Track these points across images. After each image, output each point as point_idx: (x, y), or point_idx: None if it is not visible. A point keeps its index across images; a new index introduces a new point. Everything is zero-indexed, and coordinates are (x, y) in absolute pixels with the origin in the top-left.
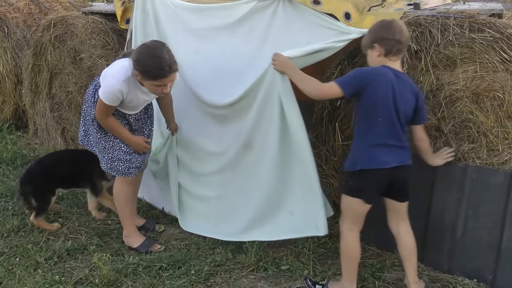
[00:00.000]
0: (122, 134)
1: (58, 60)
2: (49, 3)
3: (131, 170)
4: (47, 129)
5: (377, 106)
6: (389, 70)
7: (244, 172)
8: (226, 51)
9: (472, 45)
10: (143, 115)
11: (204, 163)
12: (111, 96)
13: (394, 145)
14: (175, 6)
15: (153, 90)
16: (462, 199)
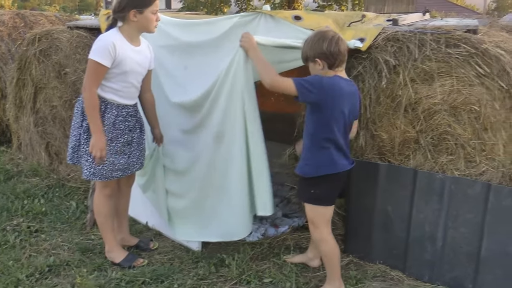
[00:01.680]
0: (95, 118)
1: (42, 74)
2: (34, 16)
3: (114, 173)
4: (31, 144)
5: (334, 117)
6: (343, 80)
7: (218, 169)
8: (213, 68)
9: (449, 60)
10: (136, 113)
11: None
12: (102, 50)
13: (346, 149)
14: (161, 22)
15: (150, 21)
16: (441, 210)
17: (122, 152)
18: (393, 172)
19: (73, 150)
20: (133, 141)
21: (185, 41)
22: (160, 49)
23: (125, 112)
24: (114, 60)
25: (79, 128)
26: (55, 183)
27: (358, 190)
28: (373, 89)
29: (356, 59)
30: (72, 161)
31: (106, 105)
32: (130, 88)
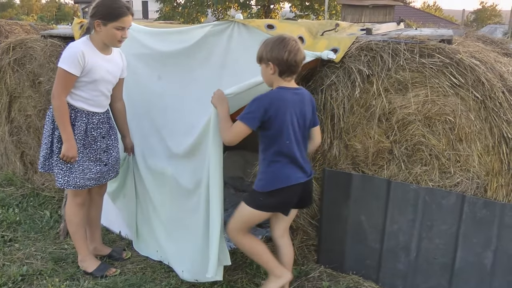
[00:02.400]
0: (65, 126)
1: (17, 83)
2: (9, 26)
3: (88, 182)
4: (6, 153)
5: (283, 131)
6: (287, 92)
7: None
8: (186, 78)
9: (423, 70)
10: (108, 120)
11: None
12: (71, 58)
13: (301, 161)
14: (133, 30)
15: (113, 36)
16: (415, 221)
17: (98, 159)
18: (366, 182)
19: (44, 159)
20: (109, 148)
21: (158, 50)
22: (132, 57)
23: (96, 119)
24: (83, 69)
25: (50, 137)
26: (30, 192)
27: (331, 200)
28: (346, 99)
29: (329, 68)
30: (43, 169)
31: (76, 113)
32: (99, 97)
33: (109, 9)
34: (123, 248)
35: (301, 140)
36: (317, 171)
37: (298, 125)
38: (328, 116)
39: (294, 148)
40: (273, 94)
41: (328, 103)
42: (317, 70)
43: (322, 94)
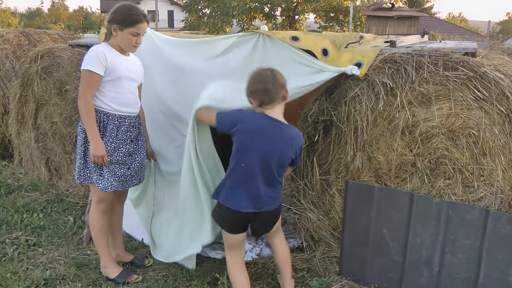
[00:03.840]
0: (92, 125)
1: (44, 91)
2: (38, 35)
3: (115, 183)
4: (32, 159)
5: (241, 152)
6: (265, 119)
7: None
8: (203, 82)
9: (447, 83)
10: (138, 125)
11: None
12: (93, 59)
13: (259, 191)
14: (159, 39)
15: (128, 41)
16: (438, 235)
17: (123, 162)
18: (389, 195)
19: (79, 169)
20: (135, 152)
21: (178, 57)
22: (151, 63)
23: (128, 122)
24: (105, 68)
25: (83, 146)
26: (54, 198)
27: (353, 212)
28: (370, 111)
29: (353, 81)
30: (79, 180)
31: (108, 117)
32: (127, 95)
33: (126, 15)
34: (145, 255)
35: (262, 171)
36: (340, 183)
37: (264, 157)
38: (352, 128)
39: (253, 176)
40: (251, 115)
41: (351, 115)
42: (341, 82)
43: (346, 106)
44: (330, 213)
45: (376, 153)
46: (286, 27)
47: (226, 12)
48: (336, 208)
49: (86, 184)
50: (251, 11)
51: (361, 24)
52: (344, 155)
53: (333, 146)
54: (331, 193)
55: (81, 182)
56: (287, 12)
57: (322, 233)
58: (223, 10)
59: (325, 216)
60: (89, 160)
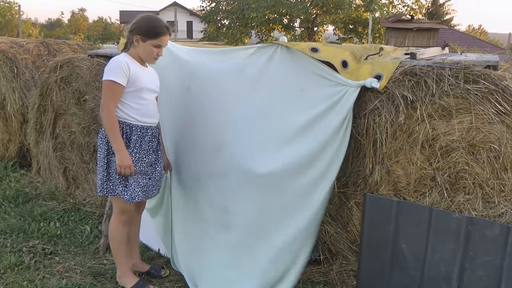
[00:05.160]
0: (116, 136)
1: (63, 101)
2: (57, 45)
3: (140, 194)
4: (50, 168)
5: None
6: None
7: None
8: (217, 90)
9: (467, 96)
10: (158, 136)
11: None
12: (116, 69)
13: None
14: (177, 50)
15: (150, 53)
16: (458, 251)
17: (144, 173)
18: (408, 209)
19: (102, 182)
20: (155, 162)
21: (192, 64)
22: (167, 73)
23: (150, 132)
24: (128, 79)
25: (106, 158)
26: (71, 207)
27: (371, 226)
28: (389, 124)
29: (372, 93)
30: (102, 193)
31: (131, 128)
32: (149, 105)
33: (150, 27)
34: (162, 265)
35: None
36: (359, 196)
37: None
38: (371, 141)
39: None
40: None
41: (370, 127)
42: (360, 94)
43: (365, 119)
44: (348, 226)
45: (395, 166)
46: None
47: (245, 23)
48: (354, 221)
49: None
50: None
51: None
52: (362, 168)
53: (351, 159)
54: (349, 206)
55: (104, 194)
56: (306, 24)
57: (340, 246)
58: (242, 21)
59: (343, 229)
60: (112, 172)
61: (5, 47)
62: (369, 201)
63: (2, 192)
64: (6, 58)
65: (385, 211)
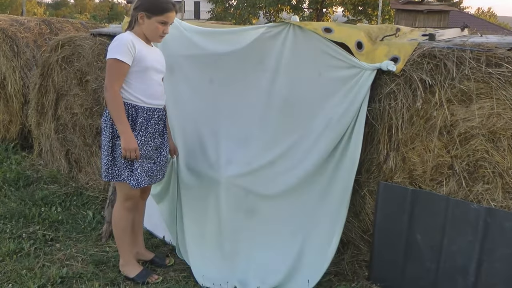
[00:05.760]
0: (121, 117)
1: (64, 81)
2: (60, 23)
3: (147, 178)
4: (52, 150)
5: None
6: None
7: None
8: (239, 82)
9: (489, 80)
10: (165, 118)
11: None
12: (121, 46)
13: None
14: (185, 29)
15: (155, 30)
16: (475, 243)
17: (149, 157)
18: (424, 198)
19: (107, 166)
20: (161, 146)
21: (210, 50)
22: (183, 59)
23: (157, 115)
24: (133, 57)
25: (110, 142)
26: (73, 191)
27: (385, 215)
28: (406, 109)
29: (388, 76)
30: (107, 178)
31: (136, 110)
32: (155, 86)
33: (155, 3)
34: (166, 254)
35: None
36: (372, 184)
37: None
38: (386, 126)
39: None
40: None
41: (386, 112)
42: (375, 77)
43: (380, 103)
44: (360, 215)
45: (411, 153)
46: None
47: (253, 3)
48: (367, 210)
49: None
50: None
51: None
52: (376, 154)
53: (365, 145)
54: (362, 194)
55: (109, 180)
56: (314, 5)
57: (351, 235)
58: (250, 1)
59: (355, 218)
60: (117, 157)
61: (5, 24)
62: (383, 189)
63: (2, 175)
64: (6, 36)
65: (400, 200)
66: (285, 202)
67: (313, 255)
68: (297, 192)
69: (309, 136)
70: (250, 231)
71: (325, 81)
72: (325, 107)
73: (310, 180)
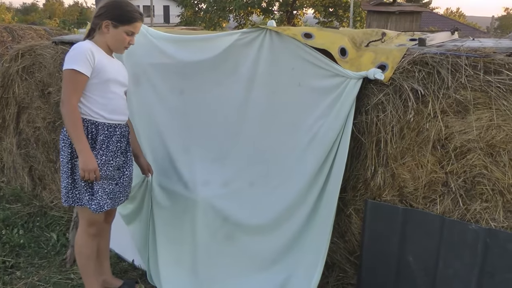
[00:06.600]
0: (79, 134)
1: (26, 93)
2: (23, 30)
3: (109, 201)
4: (14, 166)
5: None
6: None
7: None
8: (211, 93)
9: (488, 89)
10: (127, 133)
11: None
12: (79, 56)
13: None
14: (153, 37)
15: (121, 40)
16: (474, 266)
17: (111, 177)
18: (416, 218)
19: (66, 190)
20: (123, 166)
21: (180, 59)
22: (151, 67)
23: (119, 131)
24: (93, 69)
25: (69, 163)
26: (37, 210)
27: (373, 236)
28: (395, 121)
29: (375, 85)
30: (68, 203)
31: (97, 126)
32: (117, 100)
33: (123, 12)
34: (136, 280)
35: None
36: (358, 202)
37: None
38: (374, 140)
39: None
40: None
41: (373, 125)
42: (361, 86)
43: (367, 115)
44: (346, 236)
45: (401, 169)
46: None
47: (222, 7)
48: (353, 230)
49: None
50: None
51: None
52: (363, 170)
53: (351, 160)
54: (348, 213)
55: (70, 204)
56: (285, 7)
57: (337, 257)
58: (219, 5)
59: (340, 238)
60: (78, 179)
61: None
62: (371, 208)
63: None
64: None
65: (390, 219)
66: (265, 229)
67: (297, 284)
68: (279, 218)
69: (291, 153)
70: (228, 258)
71: (306, 91)
72: (307, 121)
73: (294, 205)
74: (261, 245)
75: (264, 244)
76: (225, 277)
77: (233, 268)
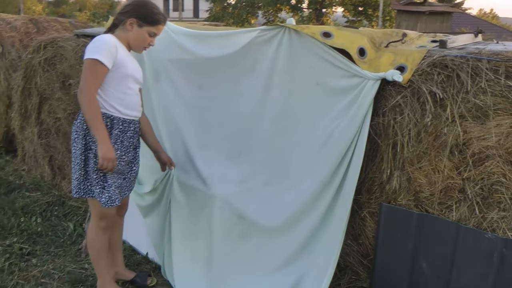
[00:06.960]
0: (98, 124)
1: (47, 84)
2: (48, 22)
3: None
4: (35, 156)
5: None
6: None
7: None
8: (229, 90)
9: (509, 95)
10: (139, 131)
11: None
12: (103, 47)
13: None
14: (173, 32)
15: (143, 40)
16: (489, 276)
17: (120, 172)
18: (431, 224)
19: (78, 182)
20: (132, 161)
21: (198, 55)
22: (170, 63)
23: (133, 127)
24: (114, 62)
25: (83, 154)
26: (56, 200)
27: (387, 240)
28: (413, 125)
29: (394, 87)
30: (78, 194)
31: (112, 121)
32: (133, 97)
33: (149, 12)
34: (149, 273)
35: None
36: (373, 205)
37: None
38: (390, 143)
39: None
40: None
41: (390, 127)
42: (379, 87)
43: (384, 117)
44: (360, 238)
45: (417, 173)
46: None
47: (251, 3)
48: (367, 233)
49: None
50: (277, 2)
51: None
52: (379, 173)
53: (366, 162)
54: (362, 215)
55: (81, 196)
56: (314, 5)
57: (350, 260)
58: (248, 1)
59: (354, 241)
60: (90, 171)
61: None
62: (386, 212)
63: None
64: None
65: (404, 224)
66: (279, 229)
67: (308, 285)
68: (293, 218)
69: (307, 152)
70: (242, 256)
71: (324, 91)
72: (324, 120)
73: (308, 205)
74: (274, 245)
75: (278, 244)
76: (238, 275)
77: (246, 266)
